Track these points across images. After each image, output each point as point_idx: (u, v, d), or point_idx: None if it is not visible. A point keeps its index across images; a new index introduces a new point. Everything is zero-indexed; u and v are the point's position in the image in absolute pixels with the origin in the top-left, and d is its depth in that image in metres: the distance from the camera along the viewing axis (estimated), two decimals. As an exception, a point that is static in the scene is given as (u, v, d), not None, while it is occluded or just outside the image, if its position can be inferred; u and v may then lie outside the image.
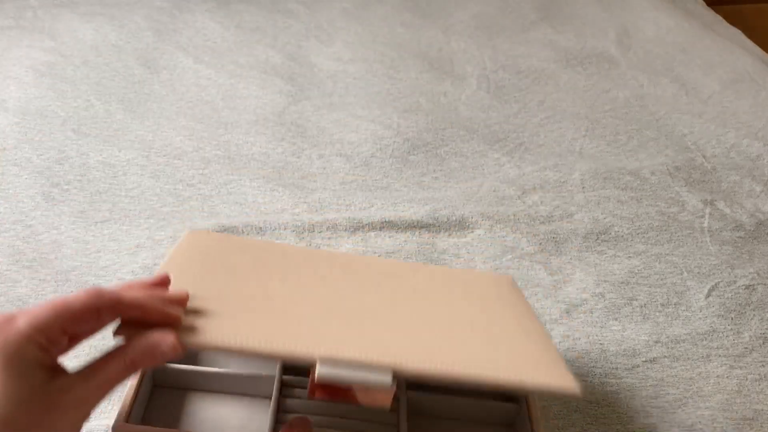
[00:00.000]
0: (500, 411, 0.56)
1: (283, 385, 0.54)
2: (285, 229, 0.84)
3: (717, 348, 0.69)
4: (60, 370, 0.36)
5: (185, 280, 0.47)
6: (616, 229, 0.85)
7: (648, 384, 0.65)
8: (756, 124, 1.07)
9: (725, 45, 1.33)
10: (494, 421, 0.57)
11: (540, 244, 0.83)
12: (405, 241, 0.83)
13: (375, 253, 0.81)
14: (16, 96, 1.15)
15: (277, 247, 0.58)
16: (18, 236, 0.84)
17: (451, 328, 0.49)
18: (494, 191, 0.92)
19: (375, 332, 0.46)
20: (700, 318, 0.73)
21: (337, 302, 0.49)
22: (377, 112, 1.12)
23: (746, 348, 0.69)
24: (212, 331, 0.42)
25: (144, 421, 0.53)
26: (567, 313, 0.73)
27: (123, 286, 0.42)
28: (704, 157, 1.00)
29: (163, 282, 0.44)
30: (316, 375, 0.41)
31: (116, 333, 0.41)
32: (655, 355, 0.68)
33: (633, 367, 0.67)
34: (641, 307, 0.74)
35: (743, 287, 0.77)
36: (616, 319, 0.72)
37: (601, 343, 0.70)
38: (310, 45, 1.37)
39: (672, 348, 0.69)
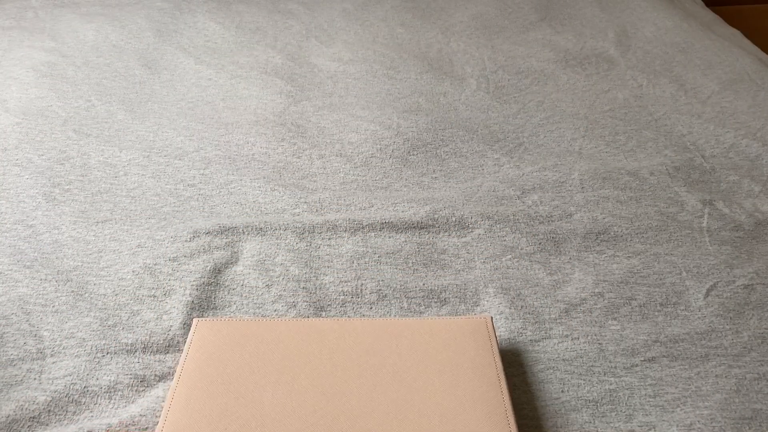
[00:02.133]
0: None
1: None
2: (285, 229, 0.84)
3: (716, 347, 0.69)
4: None
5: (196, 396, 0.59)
6: (615, 229, 0.85)
7: (647, 383, 0.66)
8: (755, 124, 1.07)
9: (724, 45, 1.33)
10: None
11: (539, 243, 0.83)
12: (405, 241, 0.83)
13: (375, 253, 0.81)
14: (17, 96, 1.15)
15: (272, 334, 0.66)
16: (19, 236, 0.84)
17: (414, 421, 0.57)
18: (494, 191, 0.93)
19: None
20: (698, 318, 0.73)
21: (315, 407, 0.58)
22: (377, 112, 1.12)
23: (745, 347, 0.69)
24: None
25: None
26: (566, 312, 0.74)
27: None
28: (703, 157, 1.01)
29: None
30: None
31: None
32: (654, 355, 0.68)
33: (632, 367, 0.67)
34: (640, 306, 0.74)
35: (742, 287, 0.77)
36: (615, 319, 0.73)
37: (600, 343, 0.70)
38: (310, 45, 1.37)
39: (671, 347, 0.69)
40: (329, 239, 0.84)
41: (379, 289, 0.76)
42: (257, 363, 0.62)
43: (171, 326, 0.71)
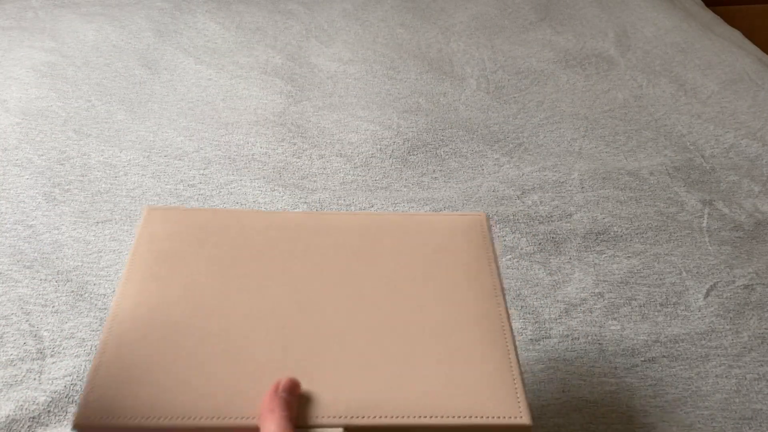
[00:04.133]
0: None
1: None
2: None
3: (716, 348, 0.69)
4: None
5: (144, 302, 0.50)
6: (615, 229, 0.85)
7: (647, 384, 0.66)
8: (754, 124, 1.07)
9: (724, 45, 1.33)
10: None
11: (539, 244, 0.83)
12: (405, 241, 0.83)
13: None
14: (17, 96, 1.15)
15: (237, 227, 0.56)
16: (19, 236, 0.84)
17: (407, 353, 0.49)
18: (493, 191, 0.93)
19: (327, 372, 0.47)
20: (698, 318, 0.73)
21: (291, 326, 0.50)
22: (377, 112, 1.12)
23: (745, 348, 0.70)
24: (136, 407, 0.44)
25: None
26: (566, 312, 0.74)
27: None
28: (703, 157, 1.01)
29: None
30: None
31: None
32: (654, 355, 0.68)
33: (632, 367, 0.67)
34: (640, 306, 0.74)
35: (742, 287, 0.77)
36: (615, 319, 0.73)
37: (600, 343, 0.70)
38: (310, 45, 1.37)
39: (671, 348, 0.69)
40: (329, 239, 0.83)
41: (379, 289, 0.76)
42: (219, 262, 0.54)
43: (171, 326, 0.71)
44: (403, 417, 0.45)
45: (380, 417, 0.45)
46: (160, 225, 0.56)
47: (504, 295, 0.54)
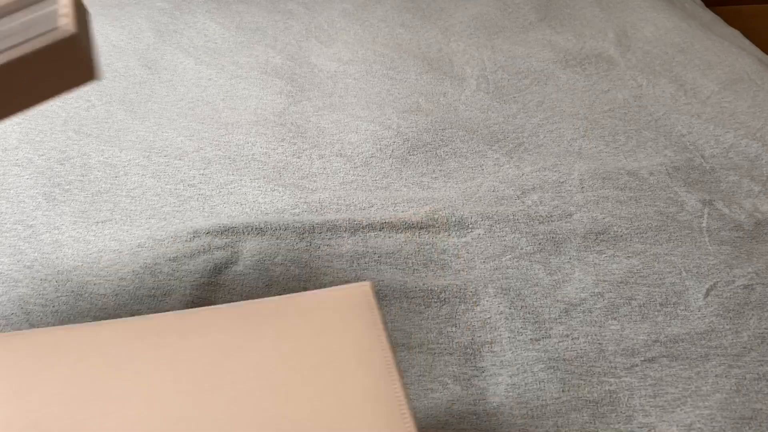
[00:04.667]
0: None
1: None
2: (285, 229, 0.84)
3: (716, 347, 0.69)
4: None
5: None
6: (614, 229, 0.85)
7: (647, 383, 0.66)
8: (754, 124, 1.07)
9: (724, 45, 1.33)
10: None
11: (539, 243, 0.83)
12: (405, 241, 0.83)
13: (375, 253, 0.81)
14: (17, 96, 1.15)
15: (92, 340, 0.50)
16: (19, 236, 0.84)
17: None
18: (493, 191, 0.93)
19: None
20: (698, 317, 0.73)
21: None
22: (377, 112, 1.12)
23: (745, 347, 0.70)
24: None
25: None
26: (566, 312, 0.74)
27: None
28: (703, 157, 1.01)
29: None
30: None
31: None
32: (654, 355, 0.68)
33: (632, 367, 0.67)
34: (640, 306, 0.74)
35: (742, 287, 0.77)
36: (614, 319, 0.73)
37: (599, 343, 0.70)
38: (310, 45, 1.37)
39: (671, 347, 0.69)
40: (329, 239, 0.84)
41: (379, 290, 0.76)
42: (74, 386, 0.47)
43: (171, 326, 0.71)
44: None
45: None
46: (2, 355, 0.50)
47: (398, 367, 0.49)
